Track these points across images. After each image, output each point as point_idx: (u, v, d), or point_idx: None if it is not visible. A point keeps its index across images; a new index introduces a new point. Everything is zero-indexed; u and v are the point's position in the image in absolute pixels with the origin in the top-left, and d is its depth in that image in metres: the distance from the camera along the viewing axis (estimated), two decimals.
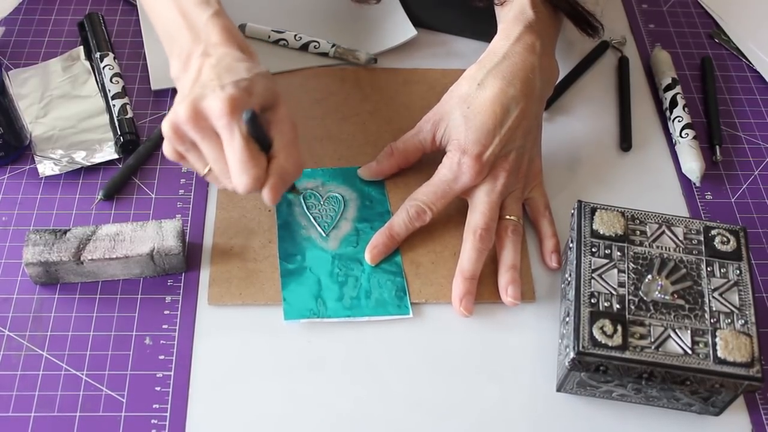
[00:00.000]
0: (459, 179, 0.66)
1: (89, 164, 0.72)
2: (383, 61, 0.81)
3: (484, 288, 0.66)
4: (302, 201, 0.70)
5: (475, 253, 0.65)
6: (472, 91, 0.66)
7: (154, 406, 0.59)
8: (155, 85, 0.78)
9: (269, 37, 0.81)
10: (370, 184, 0.72)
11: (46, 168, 0.71)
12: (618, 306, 0.58)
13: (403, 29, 0.82)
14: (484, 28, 0.82)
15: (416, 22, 0.83)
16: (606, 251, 0.60)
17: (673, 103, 0.78)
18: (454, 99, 0.68)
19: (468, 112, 0.66)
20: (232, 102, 0.56)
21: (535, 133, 0.70)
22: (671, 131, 0.77)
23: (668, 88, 0.79)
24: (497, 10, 0.72)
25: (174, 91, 0.78)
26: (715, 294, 0.59)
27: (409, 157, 0.71)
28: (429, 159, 0.70)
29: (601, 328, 0.56)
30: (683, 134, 0.75)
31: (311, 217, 0.69)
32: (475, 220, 0.66)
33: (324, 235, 0.68)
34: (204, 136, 0.57)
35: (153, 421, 0.58)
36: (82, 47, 0.81)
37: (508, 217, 0.67)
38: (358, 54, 0.80)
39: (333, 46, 0.80)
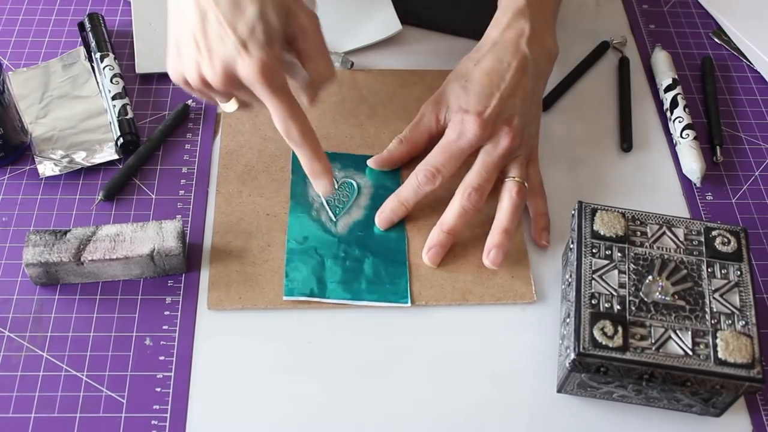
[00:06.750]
0: (463, 136, 0.66)
1: (89, 165, 0.72)
2: (382, 62, 0.81)
3: (484, 289, 0.65)
4: None
5: (460, 209, 0.65)
6: (468, 69, 0.69)
7: (154, 407, 0.59)
8: (140, 69, 0.78)
9: None
10: (386, 174, 0.72)
11: (46, 168, 0.71)
12: (618, 307, 0.58)
13: (388, 24, 0.81)
14: (483, 28, 0.82)
15: (415, 22, 0.83)
16: (606, 252, 0.60)
17: (674, 104, 0.78)
18: (451, 79, 0.70)
19: (466, 84, 0.68)
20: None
21: (535, 110, 0.70)
22: (672, 132, 0.77)
23: (669, 88, 0.79)
24: None
25: (159, 76, 0.78)
26: (716, 295, 0.59)
27: (417, 142, 0.71)
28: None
29: (602, 329, 0.56)
30: (684, 135, 0.75)
31: (323, 201, 0.70)
32: (468, 179, 0.66)
33: (334, 219, 0.69)
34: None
35: (153, 422, 0.58)
36: (82, 47, 0.81)
37: (510, 177, 0.67)
38: (333, 56, 0.78)
39: None
